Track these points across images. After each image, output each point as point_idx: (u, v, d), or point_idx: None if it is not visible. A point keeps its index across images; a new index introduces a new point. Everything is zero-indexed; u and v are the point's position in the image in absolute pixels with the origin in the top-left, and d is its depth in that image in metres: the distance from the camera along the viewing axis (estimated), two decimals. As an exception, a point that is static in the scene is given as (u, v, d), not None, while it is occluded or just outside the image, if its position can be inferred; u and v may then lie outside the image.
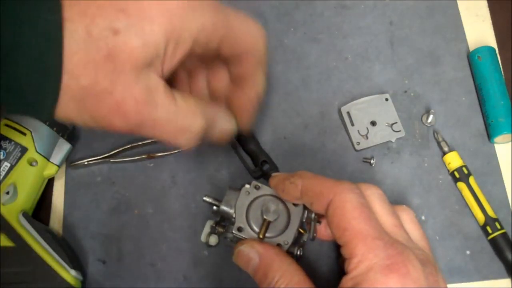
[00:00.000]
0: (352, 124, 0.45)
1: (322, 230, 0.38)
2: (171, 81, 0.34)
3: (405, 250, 0.29)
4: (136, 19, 0.25)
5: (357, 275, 0.29)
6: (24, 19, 0.23)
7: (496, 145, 0.45)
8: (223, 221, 0.39)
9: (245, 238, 0.36)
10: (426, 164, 0.45)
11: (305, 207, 0.37)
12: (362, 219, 0.30)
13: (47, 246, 0.39)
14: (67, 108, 0.26)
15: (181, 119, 0.29)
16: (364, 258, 0.29)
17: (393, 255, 0.29)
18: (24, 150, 0.41)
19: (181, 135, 0.30)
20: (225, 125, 0.34)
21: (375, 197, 0.33)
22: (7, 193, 0.40)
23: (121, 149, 0.44)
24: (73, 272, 0.39)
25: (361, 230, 0.30)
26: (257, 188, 0.37)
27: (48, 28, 0.24)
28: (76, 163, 0.44)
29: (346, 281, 0.30)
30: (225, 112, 0.34)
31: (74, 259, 0.41)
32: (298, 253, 0.37)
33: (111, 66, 0.25)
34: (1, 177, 0.40)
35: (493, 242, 0.42)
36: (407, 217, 0.35)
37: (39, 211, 0.44)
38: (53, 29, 0.24)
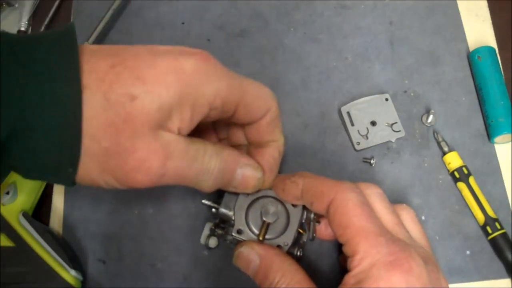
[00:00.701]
0: (352, 124, 0.45)
1: (322, 230, 0.38)
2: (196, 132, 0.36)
3: (407, 247, 0.30)
4: (152, 86, 0.26)
5: (360, 272, 0.29)
6: (44, 92, 0.25)
7: (496, 145, 0.45)
8: (222, 223, 0.39)
9: (244, 240, 0.36)
10: (426, 164, 0.45)
11: (304, 208, 0.37)
12: (364, 216, 0.31)
13: (47, 246, 0.39)
14: (89, 170, 0.27)
15: (200, 163, 0.30)
16: (367, 254, 0.29)
17: (396, 252, 0.29)
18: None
19: (200, 177, 0.31)
20: (247, 171, 0.34)
21: (375, 196, 0.33)
22: (7, 193, 0.40)
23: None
24: (73, 272, 0.39)
25: (363, 227, 0.30)
26: None
27: (67, 99, 0.25)
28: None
29: (348, 278, 0.30)
30: (249, 159, 0.34)
31: (74, 259, 0.41)
32: (298, 253, 0.37)
33: (130, 129, 0.26)
34: (1, 177, 0.40)
35: (493, 242, 0.42)
36: (407, 216, 0.35)
37: (39, 211, 0.44)
38: (72, 101, 0.25)
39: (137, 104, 0.26)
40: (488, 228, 0.42)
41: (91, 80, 0.25)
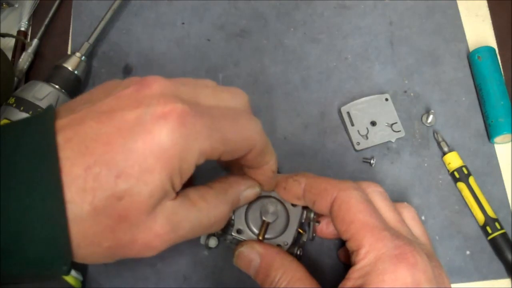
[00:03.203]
0: (352, 124, 0.45)
1: (324, 229, 0.39)
2: None
3: (411, 242, 0.30)
4: (135, 177, 0.25)
5: (365, 265, 0.29)
6: (27, 207, 0.23)
7: (496, 145, 0.45)
8: None
9: (244, 239, 0.36)
10: (426, 164, 0.45)
11: (304, 208, 0.37)
12: (368, 212, 0.31)
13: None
14: (96, 261, 0.27)
15: (206, 220, 0.30)
16: (372, 248, 0.29)
17: (401, 246, 0.29)
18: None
19: (210, 229, 0.31)
20: (248, 194, 0.34)
21: (376, 195, 0.34)
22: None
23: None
24: (73, 272, 0.39)
25: (368, 221, 0.30)
26: None
27: (51, 216, 0.24)
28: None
29: (353, 272, 0.30)
30: (246, 183, 0.34)
31: (74, 259, 0.41)
32: (298, 253, 0.37)
33: (126, 224, 0.25)
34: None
35: (493, 242, 0.42)
36: (408, 214, 0.35)
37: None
38: (57, 216, 0.24)
39: (126, 202, 0.25)
40: (488, 228, 0.42)
41: (72, 193, 0.24)
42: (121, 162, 0.24)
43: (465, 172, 0.43)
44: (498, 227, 0.42)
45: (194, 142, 0.26)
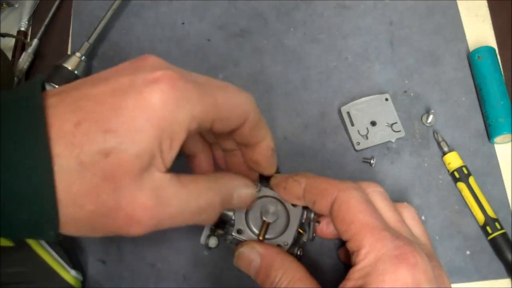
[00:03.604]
0: (352, 124, 0.45)
1: (324, 229, 0.39)
2: (191, 156, 0.36)
3: (411, 242, 0.30)
4: (124, 134, 0.25)
5: (365, 266, 0.29)
6: (14, 163, 0.24)
7: (496, 145, 0.45)
8: (222, 223, 0.39)
9: (244, 240, 0.36)
10: (426, 164, 0.45)
11: (304, 208, 0.37)
12: (368, 212, 0.31)
13: (47, 246, 0.39)
14: (79, 229, 0.26)
15: (195, 203, 0.29)
16: (373, 248, 0.29)
17: (401, 246, 0.29)
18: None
19: (198, 216, 0.30)
20: (242, 192, 0.34)
21: (376, 195, 0.34)
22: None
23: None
24: (73, 272, 0.39)
25: (368, 222, 0.30)
26: None
27: (38, 171, 0.24)
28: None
29: (353, 273, 0.30)
30: (241, 180, 0.34)
31: (74, 259, 0.41)
32: (298, 253, 0.37)
33: (111, 186, 0.25)
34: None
35: (493, 242, 0.42)
36: (408, 214, 0.35)
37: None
38: (43, 170, 0.24)
39: (112, 159, 0.25)
40: (488, 228, 0.42)
41: (60, 147, 0.24)
42: (111, 119, 0.25)
43: (465, 172, 0.43)
44: (498, 227, 0.42)
45: (185, 105, 0.26)
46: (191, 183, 0.29)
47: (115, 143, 0.25)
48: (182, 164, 0.33)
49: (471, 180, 0.43)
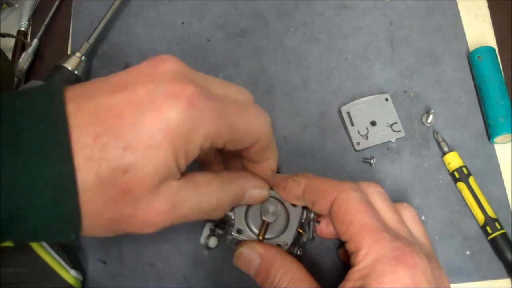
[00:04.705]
0: (352, 124, 0.45)
1: (324, 229, 0.39)
2: (202, 163, 0.36)
3: (411, 243, 0.30)
4: (142, 151, 0.25)
5: (364, 267, 0.29)
6: (36, 175, 0.24)
7: (496, 145, 0.45)
8: (222, 223, 0.39)
9: (244, 239, 0.36)
10: (426, 164, 0.45)
11: (303, 208, 0.37)
12: (367, 213, 0.31)
13: (47, 246, 0.39)
14: (97, 232, 0.27)
15: (207, 203, 0.30)
16: (372, 249, 0.29)
17: (400, 247, 0.29)
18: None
19: (209, 215, 0.31)
20: (254, 193, 0.34)
21: (376, 195, 0.34)
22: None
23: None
24: (73, 272, 0.39)
25: (367, 223, 0.30)
26: None
27: (61, 182, 0.24)
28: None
29: (352, 273, 0.30)
30: (254, 181, 0.34)
31: (74, 259, 0.41)
32: (298, 253, 0.37)
33: (129, 198, 0.26)
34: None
35: (493, 242, 0.42)
36: (408, 215, 0.35)
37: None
38: (67, 182, 0.24)
39: (131, 176, 0.25)
40: (488, 228, 0.42)
41: (79, 161, 0.24)
42: (129, 135, 0.25)
43: (465, 172, 0.43)
44: (498, 227, 0.42)
45: (201, 124, 0.26)
46: (205, 185, 0.30)
47: (133, 160, 0.25)
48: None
49: (471, 180, 0.43)
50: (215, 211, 0.31)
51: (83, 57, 0.46)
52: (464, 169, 0.43)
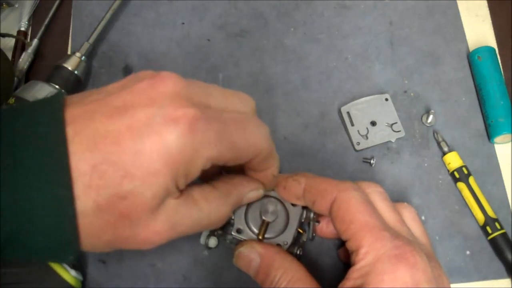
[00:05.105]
0: (352, 124, 0.45)
1: (324, 228, 0.39)
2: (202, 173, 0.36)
3: (411, 242, 0.30)
4: (141, 178, 0.25)
5: (364, 266, 0.29)
6: (36, 200, 0.24)
7: (496, 145, 0.45)
8: None
9: (244, 239, 0.36)
10: (426, 164, 0.45)
11: (303, 207, 0.37)
12: (368, 212, 0.31)
13: (47, 246, 0.39)
14: (95, 250, 0.27)
15: (206, 219, 0.30)
16: (372, 248, 0.29)
17: (401, 246, 0.29)
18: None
19: (209, 228, 0.32)
20: (251, 196, 0.35)
21: (376, 195, 0.34)
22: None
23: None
24: (73, 272, 0.39)
25: (368, 222, 0.31)
26: None
27: (61, 208, 0.24)
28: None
29: (352, 272, 0.30)
30: (251, 185, 0.35)
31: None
32: (298, 253, 0.37)
33: (128, 221, 0.26)
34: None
35: (493, 242, 0.42)
36: (408, 214, 0.35)
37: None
38: (66, 208, 0.24)
39: (129, 201, 0.25)
40: (488, 228, 0.42)
41: (79, 189, 0.24)
42: (128, 163, 0.25)
43: (465, 172, 0.43)
44: (498, 227, 0.42)
45: (203, 149, 0.26)
46: (203, 200, 0.30)
47: (132, 187, 0.25)
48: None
49: (471, 180, 0.43)
50: (214, 224, 0.32)
51: (83, 57, 0.46)
52: (464, 169, 0.43)
